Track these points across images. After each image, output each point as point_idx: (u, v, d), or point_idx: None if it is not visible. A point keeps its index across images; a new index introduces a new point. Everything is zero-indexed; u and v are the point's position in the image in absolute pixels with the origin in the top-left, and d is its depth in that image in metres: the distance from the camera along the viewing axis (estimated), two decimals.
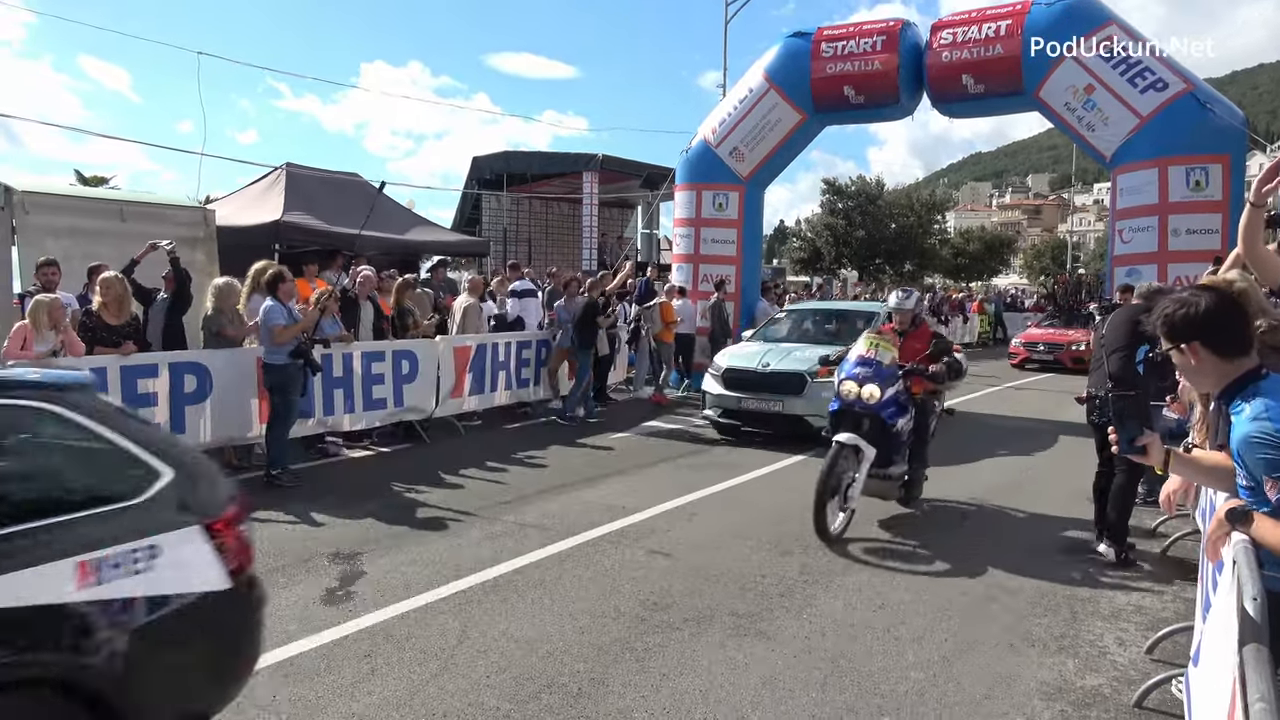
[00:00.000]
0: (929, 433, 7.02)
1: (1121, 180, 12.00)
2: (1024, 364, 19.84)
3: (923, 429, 6.77)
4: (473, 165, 25.54)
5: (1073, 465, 8.48)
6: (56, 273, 7.79)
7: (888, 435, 6.24)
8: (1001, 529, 6.60)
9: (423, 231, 15.78)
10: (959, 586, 5.26)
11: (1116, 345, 5.91)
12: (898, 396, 6.30)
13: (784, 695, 3.80)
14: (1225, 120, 11.41)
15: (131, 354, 7.19)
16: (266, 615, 3.22)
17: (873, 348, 6.36)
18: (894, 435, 6.29)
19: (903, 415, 6.33)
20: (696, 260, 15.18)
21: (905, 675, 4.02)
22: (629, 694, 3.79)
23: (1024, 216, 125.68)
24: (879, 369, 6.25)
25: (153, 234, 8.49)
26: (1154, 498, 6.91)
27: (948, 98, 13.57)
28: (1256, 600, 2.01)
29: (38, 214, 8.80)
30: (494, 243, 22.44)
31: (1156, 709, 3.74)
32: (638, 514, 6.72)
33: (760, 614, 4.74)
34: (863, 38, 13.65)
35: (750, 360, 10.09)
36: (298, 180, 14.28)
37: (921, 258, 42.43)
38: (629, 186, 25.23)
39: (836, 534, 6.06)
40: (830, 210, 41.37)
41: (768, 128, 14.45)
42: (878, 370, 6.24)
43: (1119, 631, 4.63)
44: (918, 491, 6.86)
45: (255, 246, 11.43)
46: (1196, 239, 10.93)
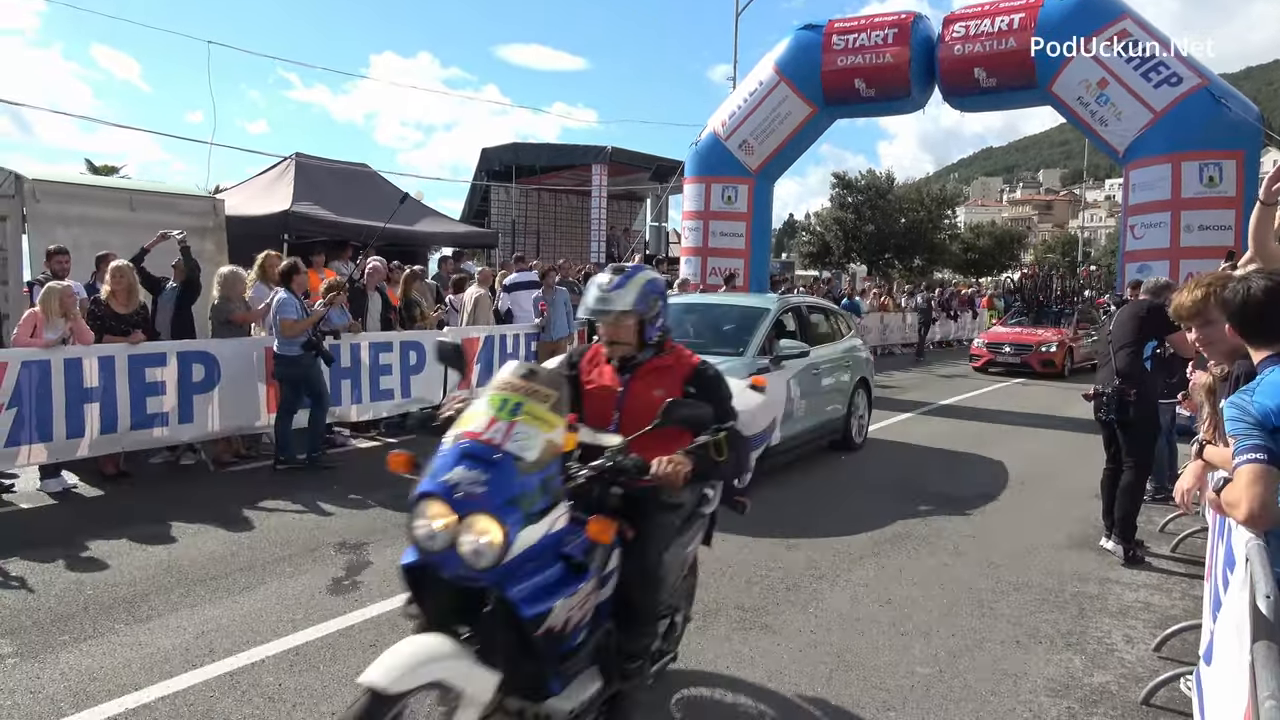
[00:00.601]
0: (676, 573, 3.39)
1: (1134, 176, 11.92)
2: (987, 367, 17.98)
3: (648, 575, 2.99)
4: (481, 157, 25.56)
5: (1080, 461, 8.45)
6: (67, 261, 7.82)
7: (528, 643, 2.45)
8: (1009, 525, 6.57)
9: (431, 223, 15.80)
10: (966, 582, 5.24)
11: (1124, 341, 5.88)
12: (559, 539, 2.55)
13: (790, 689, 3.79)
14: (1240, 116, 11.31)
15: (140, 343, 7.22)
16: (273, 604, 3.22)
17: (505, 412, 2.51)
18: (546, 640, 2.49)
19: (564, 590, 2.54)
20: (705, 253, 15.15)
21: (911, 671, 4.01)
22: None
23: (1035, 212, 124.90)
24: (505, 471, 2.40)
25: (162, 223, 8.51)
26: (1162, 495, 6.92)
27: (959, 91, 13.49)
28: (1269, 598, 1.99)
29: (48, 202, 8.83)
30: (503, 234, 22.45)
31: (1165, 706, 3.72)
32: None
33: (766, 608, 4.73)
34: (874, 30, 13.58)
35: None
36: (307, 170, 14.31)
37: (931, 253, 42.24)
38: (638, 179, 25.20)
39: None
40: (840, 204, 41.21)
41: (778, 120, 14.39)
42: (501, 474, 2.39)
43: (1127, 629, 4.60)
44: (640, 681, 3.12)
45: (264, 236, 11.47)
46: (1209, 235, 10.85)
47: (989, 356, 17.95)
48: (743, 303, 9.15)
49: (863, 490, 7.51)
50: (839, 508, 6.90)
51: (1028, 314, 19.90)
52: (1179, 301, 3.11)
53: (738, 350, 7.51)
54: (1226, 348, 3.04)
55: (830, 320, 9.69)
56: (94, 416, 6.88)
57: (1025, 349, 17.48)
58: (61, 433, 6.68)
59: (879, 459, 9.00)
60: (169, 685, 3.67)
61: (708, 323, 8.44)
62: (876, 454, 9.27)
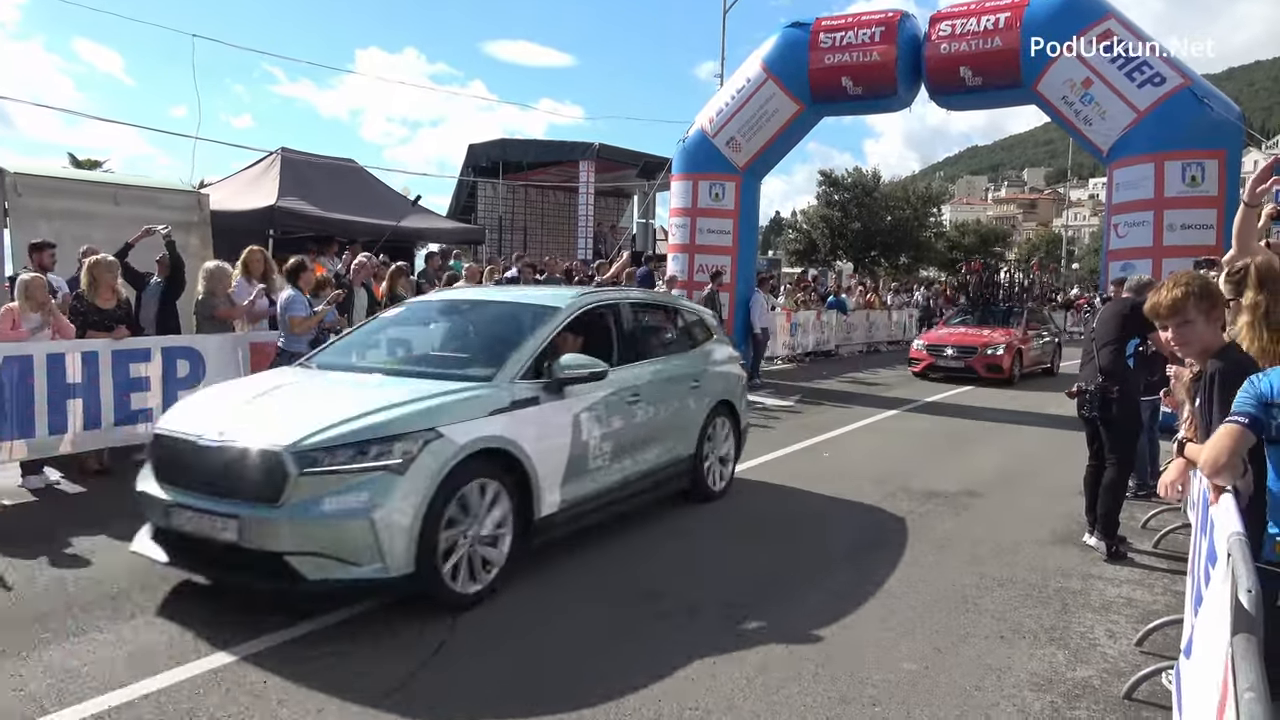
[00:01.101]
0: None
1: (1117, 175, 12.00)
2: (927, 372, 15.98)
3: None
4: (469, 153, 25.50)
5: (1063, 458, 8.51)
6: (52, 255, 7.76)
7: None
8: (992, 521, 6.61)
9: (419, 219, 15.74)
10: (950, 578, 5.28)
11: (1107, 339, 5.93)
12: None
13: (775, 685, 3.81)
14: (1222, 116, 11.41)
15: (124, 338, 7.16)
16: (259, 601, 3.20)
17: None
18: None
19: None
20: (692, 250, 15.15)
21: (897, 666, 4.04)
22: (619, 682, 3.79)
23: (1019, 210, 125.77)
24: None
25: (146, 218, 8.46)
26: (1144, 491, 6.99)
27: (945, 90, 13.53)
28: (1251, 592, 2.01)
29: (31, 196, 8.76)
30: (489, 231, 22.40)
31: (1146, 700, 3.76)
32: None
33: (752, 604, 4.74)
34: (861, 28, 13.60)
35: (209, 417, 4.66)
36: (293, 165, 14.26)
37: (917, 250, 42.46)
38: (625, 176, 25.21)
39: None
40: (826, 202, 41.34)
41: (765, 118, 14.40)
42: None
43: (1109, 624, 4.64)
44: None
45: (250, 231, 11.42)
46: (1191, 234, 10.92)
47: (929, 360, 16.03)
48: (523, 300, 6.21)
49: (846, 486, 7.53)
50: (823, 504, 6.93)
51: (973, 312, 18.03)
52: (1156, 300, 3.14)
53: (488, 374, 5.03)
54: (1201, 347, 3.08)
55: (674, 324, 7.21)
56: (77, 412, 6.82)
57: (969, 352, 15.69)
58: (44, 429, 6.62)
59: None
60: (153, 683, 3.65)
61: (463, 331, 6.16)
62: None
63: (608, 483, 5.65)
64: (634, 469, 5.92)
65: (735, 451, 7.34)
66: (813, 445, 9.45)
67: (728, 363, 7.40)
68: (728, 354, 7.49)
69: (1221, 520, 2.58)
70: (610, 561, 5.41)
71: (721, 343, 7.53)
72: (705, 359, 7.05)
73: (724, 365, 7.31)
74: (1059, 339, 18.85)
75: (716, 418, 6.91)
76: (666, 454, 6.30)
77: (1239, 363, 3.01)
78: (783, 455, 8.79)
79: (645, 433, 6.02)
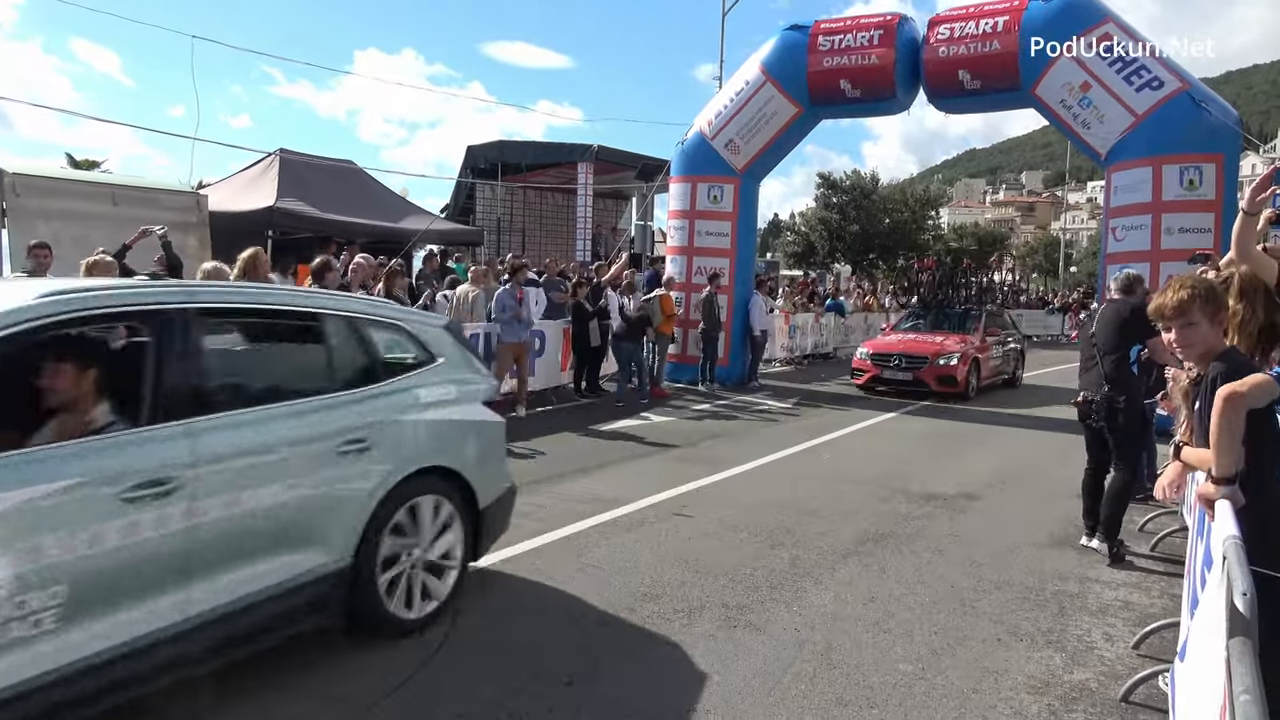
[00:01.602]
0: None
1: (1115, 178, 12.03)
2: (872, 384, 14.00)
3: None
4: (467, 154, 25.46)
5: (1061, 461, 8.53)
6: (49, 255, 7.74)
7: None
8: (990, 524, 6.62)
9: (417, 220, 15.76)
10: (948, 581, 5.29)
11: (1110, 348, 5.91)
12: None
13: (773, 686, 3.82)
14: (1220, 120, 11.44)
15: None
16: None
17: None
18: None
19: None
20: (691, 253, 15.17)
21: (894, 668, 4.04)
22: (618, 684, 3.80)
23: (1018, 213, 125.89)
24: None
25: (145, 218, 8.46)
26: (1141, 495, 7.00)
27: (944, 93, 13.56)
28: (1246, 595, 2.02)
29: (29, 196, 8.77)
30: (488, 232, 22.40)
31: (1143, 704, 3.77)
32: (628, 505, 6.72)
33: (750, 606, 4.75)
34: (860, 31, 13.62)
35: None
36: (291, 166, 14.27)
37: (915, 253, 42.47)
38: (624, 178, 25.19)
39: None
40: (825, 204, 41.37)
41: (764, 120, 14.42)
42: None
43: (1106, 627, 4.65)
44: None
45: (249, 232, 11.41)
46: (1189, 238, 10.95)
47: (874, 372, 13.95)
48: (275, 301, 4.16)
49: (845, 488, 7.55)
50: (822, 506, 6.94)
51: (925, 316, 16.00)
52: (1161, 301, 3.14)
53: None
54: (1203, 349, 3.08)
55: (326, 342, 4.15)
56: None
57: (919, 362, 13.49)
58: None
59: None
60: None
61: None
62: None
63: (69, 658, 2.88)
64: (156, 620, 3.16)
65: (472, 546, 4.65)
66: (812, 447, 9.47)
67: (453, 405, 4.62)
68: (455, 391, 4.67)
69: (1218, 524, 2.59)
70: (610, 562, 5.42)
71: (455, 371, 4.73)
72: (396, 402, 4.27)
73: (443, 410, 4.54)
74: (1022, 345, 16.81)
75: (414, 499, 4.24)
76: (270, 572, 3.59)
77: (1240, 366, 3.02)
78: (782, 457, 8.81)
79: (202, 544, 3.32)
